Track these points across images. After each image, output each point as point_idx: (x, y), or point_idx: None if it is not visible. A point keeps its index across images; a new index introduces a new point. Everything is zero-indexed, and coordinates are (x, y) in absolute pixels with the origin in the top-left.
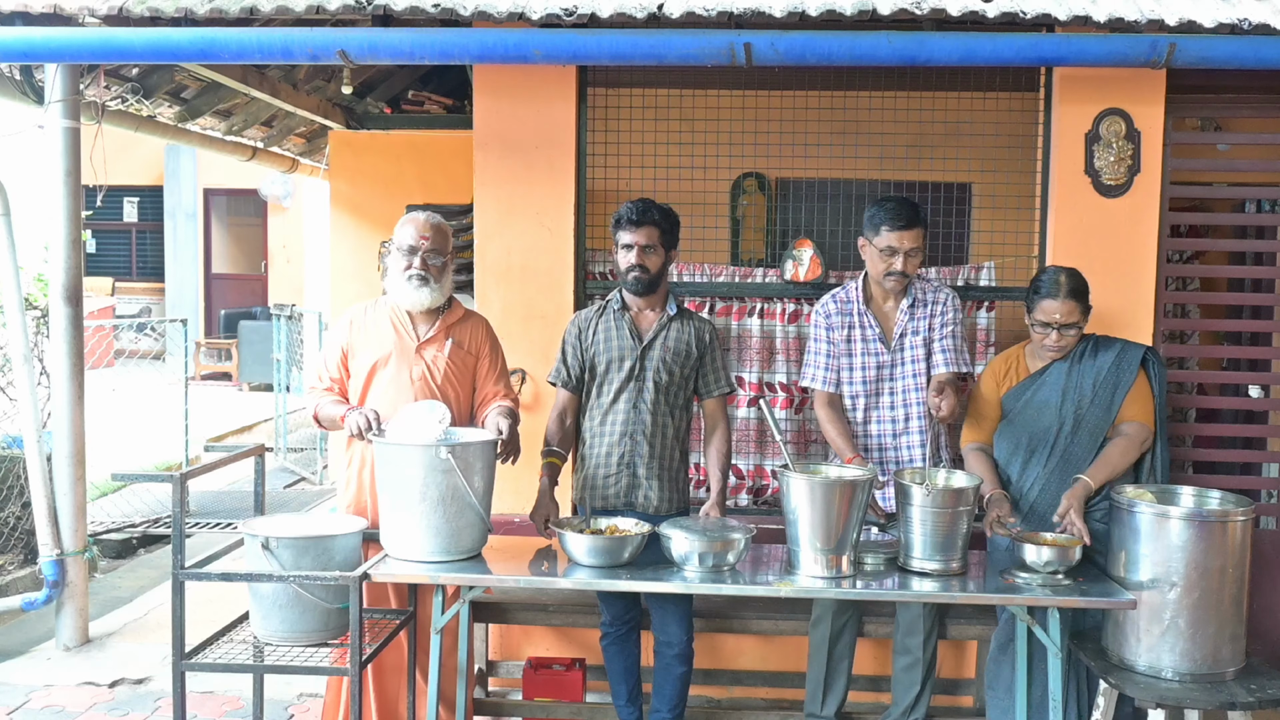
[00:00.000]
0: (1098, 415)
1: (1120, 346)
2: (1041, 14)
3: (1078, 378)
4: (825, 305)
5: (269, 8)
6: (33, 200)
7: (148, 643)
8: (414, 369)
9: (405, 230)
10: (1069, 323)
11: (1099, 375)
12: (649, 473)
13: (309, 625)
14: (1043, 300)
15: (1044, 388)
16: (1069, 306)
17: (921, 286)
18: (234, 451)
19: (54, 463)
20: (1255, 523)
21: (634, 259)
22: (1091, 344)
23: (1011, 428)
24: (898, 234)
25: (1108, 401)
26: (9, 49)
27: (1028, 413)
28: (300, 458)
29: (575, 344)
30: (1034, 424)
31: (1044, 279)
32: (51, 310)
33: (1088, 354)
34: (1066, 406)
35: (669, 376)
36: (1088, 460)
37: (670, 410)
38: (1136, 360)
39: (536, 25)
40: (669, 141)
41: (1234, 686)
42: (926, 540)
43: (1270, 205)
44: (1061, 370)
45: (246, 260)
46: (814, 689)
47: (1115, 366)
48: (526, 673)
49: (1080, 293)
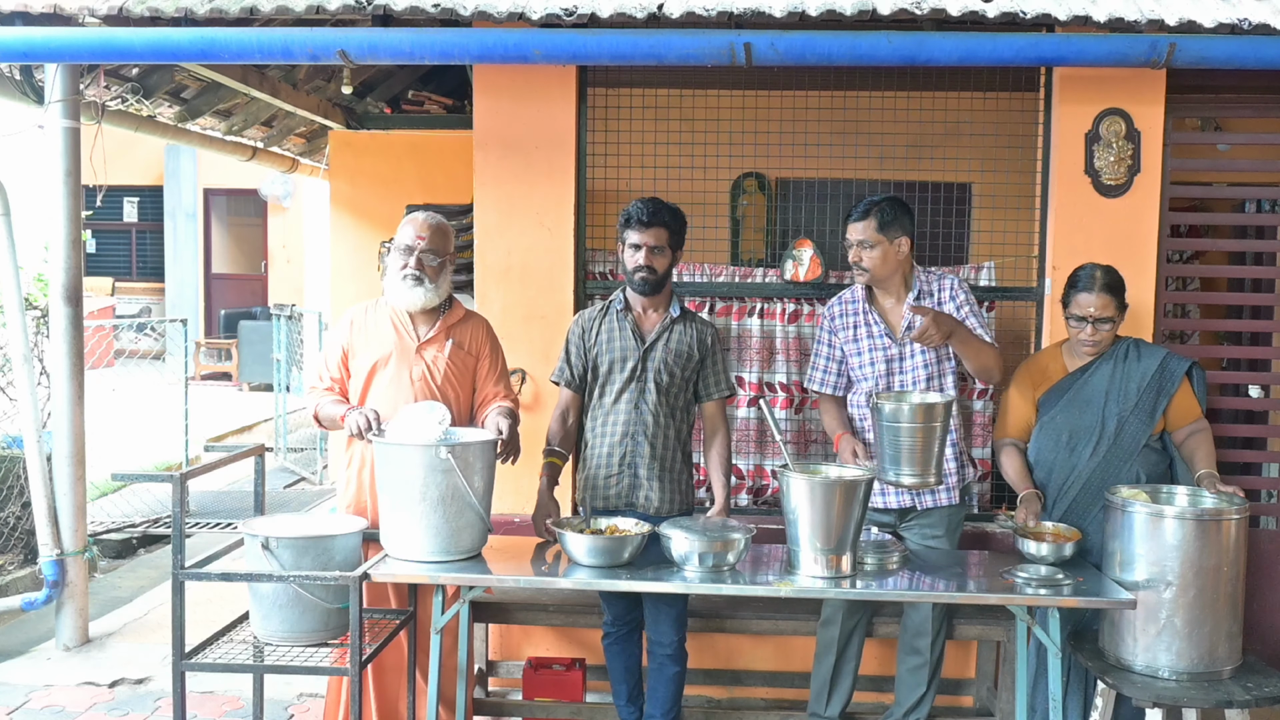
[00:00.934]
0: (1141, 420)
1: (1164, 354)
2: (1041, 14)
3: (1122, 379)
4: (831, 308)
5: (269, 8)
6: (33, 200)
7: (148, 643)
8: (414, 369)
9: (404, 229)
10: (1103, 317)
11: (1143, 379)
12: (650, 473)
13: (309, 625)
14: (1078, 294)
15: (1087, 385)
16: (1103, 300)
17: (925, 279)
18: (234, 451)
19: (54, 463)
20: (1254, 522)
21: (642, 259)
22: (1133, 346)
23: (1053, 425)
24: (849, 224)
25: (1151, 406)
26: (9, 49)
27: (1071, 409)
28: (300, 458)
29: (579, 343)
30: (1077, 420)
31: (1080, 274)
32: (51, 310)
33: (1131, 356)
34: (1110, 406)
35: (670, 378)
36: (1126, 465)
37: (671, 411)
38: (1181, 371)
39: (536, 25)
40: (669, 141)
41: (1231, 685)
42: (901, 454)
43: (1270, 205)
44: (1105, 370)
45: (246, 260)
46: (819, 689)
47: (1159, 374)
48: (526, 673)
49: (1114, 288)
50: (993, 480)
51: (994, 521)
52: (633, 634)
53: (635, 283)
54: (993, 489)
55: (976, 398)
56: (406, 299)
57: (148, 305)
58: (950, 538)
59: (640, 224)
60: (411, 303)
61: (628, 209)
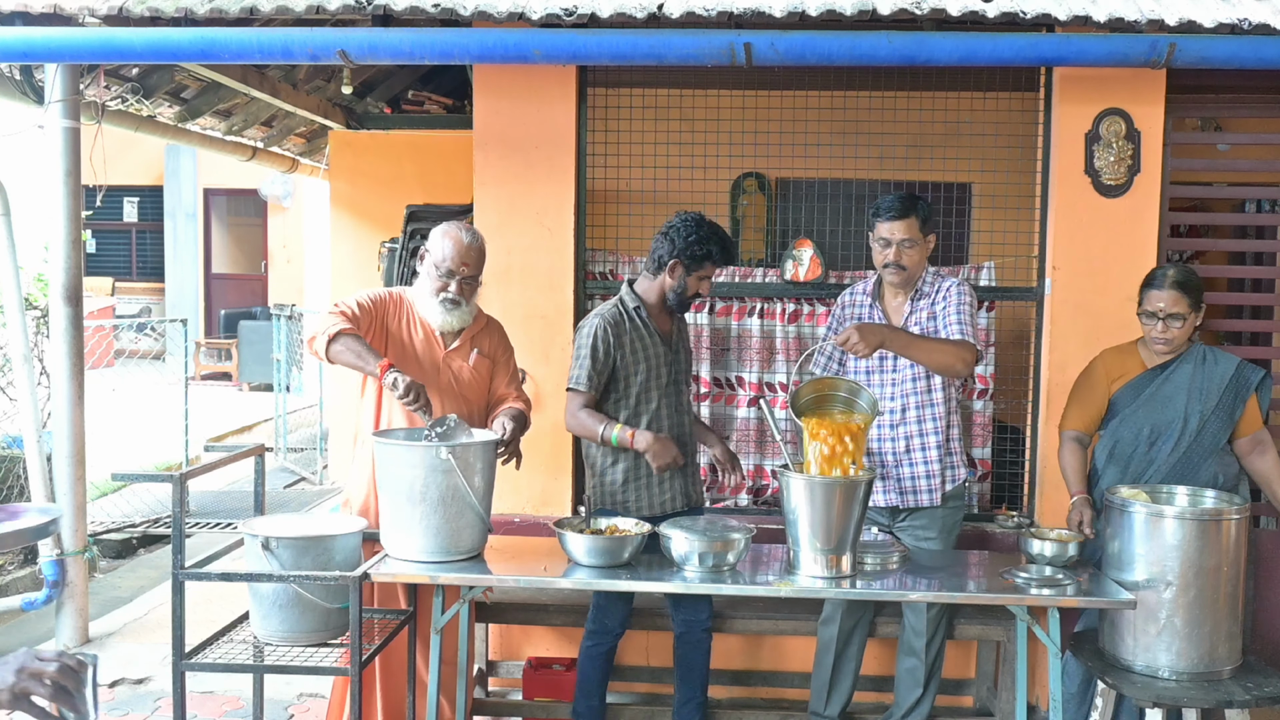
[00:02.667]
0: (1221, 419)
1: (1239, 361)
2: (1041, 14)
3: (1203, 379)
4: (842, 296)
5: (269, 8)
6: (33, 200)
7: (148, 643)
8: (440, 379)
9: (445, 248)
10: (1174, 313)
11: (1224, 380)
12: (695, 469)
13: (309, 625)
14: (1150, 291)
15: (1169, 383)
16: (1173, 296)
17: (929, 280)
18: (234, 451)
19: (54, 463)
20: (1255, 522)
21: (705, 290)
22: (1209, 352)
23: (1134, 419)
24: (888, 224)
25: (1230, 407)
26: (9, 49)
27: (1153, 404)
28: (300, 458)
29: (611, 352)
30: (1159, 415)
31: (1155, 272)
32: (51, 310)
33: (1209, 360)
34: (1192, 404)
35: (688, 375)
36: (1206, 461)
37: (689, 407)
38: (1256, 378)
39: (536, 25)
40: (669, 141)
41: (1231, 685)
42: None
43: (1270, 205)
44: (1186, 370)
45: (246, 260)
46: (819, 688)
47: (1237, 377)
48: (526, 673)
49: (1186, 286)
50: (993, 480)
51: (994, 521)
52: (615, 646)
53: (678, 306)
54: (993, 489)
55: (976, 398)
56: (442, 320)
57: (148, 305)
58: (945, 538)
59: (724, 263)
60: (447, 324)
61: (709, 248)
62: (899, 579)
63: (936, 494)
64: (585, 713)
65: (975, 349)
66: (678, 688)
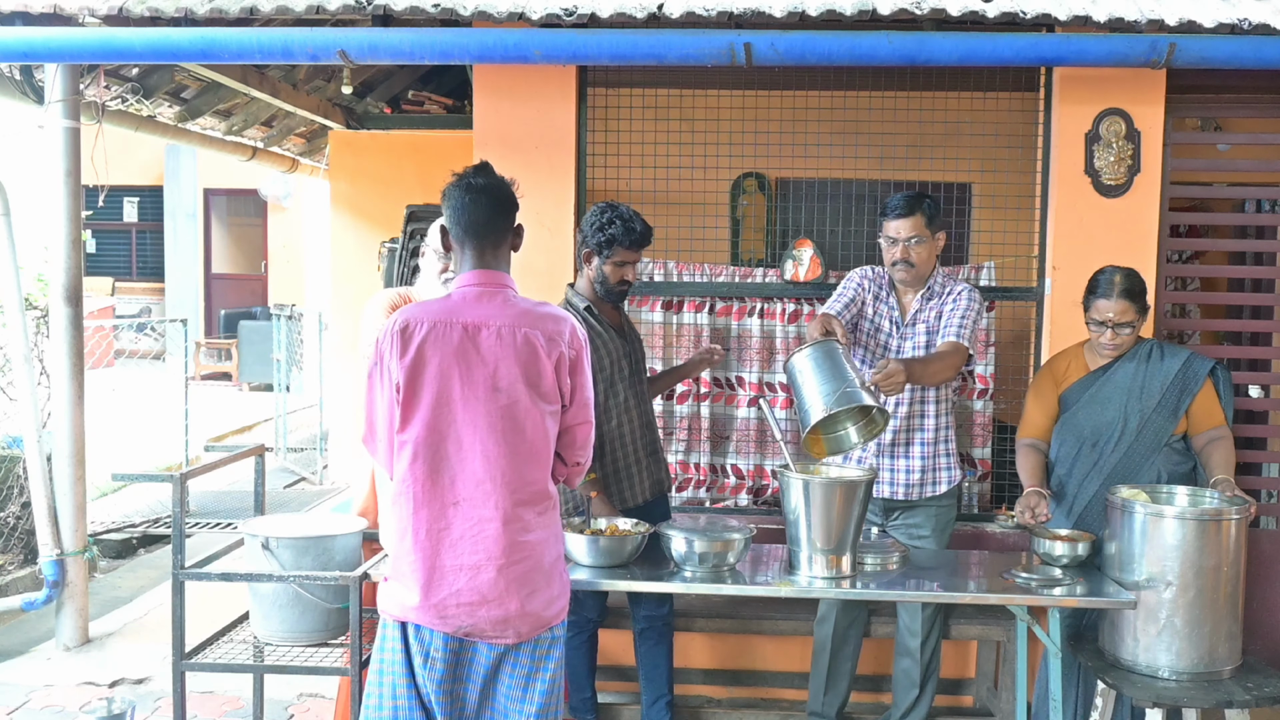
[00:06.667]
0: (1163, 417)
1: (1187, 355)
2: (1041, 14)
3: (1144, 378)
4: (861, 270)
5: (269, 8)
6: (33, 200)
7: (148, 643)
8: None
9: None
10: (1123, 321)
11: (1166, 378)
12: (660, 457)
13: (309, 625)
14: (1097, 300)
15: (1109, 384)
16: (1122, 306)
17: (942, 281)
18: (234, 451)
19: (54, 463)
20: (1255, 522)
21: (629, 275)
22: (1156, 348)
23: (1074, 421)
24: (895, 222)
25: (1173, 405)
26: (9, 49)
27: (1092, 407)
28: (300, 458)
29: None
30: (1098, 418)
31: (1100, 279)
32: (51, 310)
33: (1154, 356)
34: (1131, 404)
35: (643, 360)
36: (1147, 462)
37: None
38: (1204, 370)
39: (536, 25)
40: (669, 141)
41: (1231, 685)
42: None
43: (1270, 205)
44: (1128, 369)
45: (246, 260)
46: (816, 687)
47: (1182, 373)
48: None
49: (1134, 293)
50: (993, 480)
51: (994, 521)
52: (595, 634)
53: (615, 295)
54: (992, 489)
55: (976, 398)
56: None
57: (148, 305)
58: (938, 536)
59: (636, 246)
60: None
61: (614, 230)
62: (899, 579)
63: (929, 489)
64: (579, 706)
65: (965, 350)
66: (644, 688)
